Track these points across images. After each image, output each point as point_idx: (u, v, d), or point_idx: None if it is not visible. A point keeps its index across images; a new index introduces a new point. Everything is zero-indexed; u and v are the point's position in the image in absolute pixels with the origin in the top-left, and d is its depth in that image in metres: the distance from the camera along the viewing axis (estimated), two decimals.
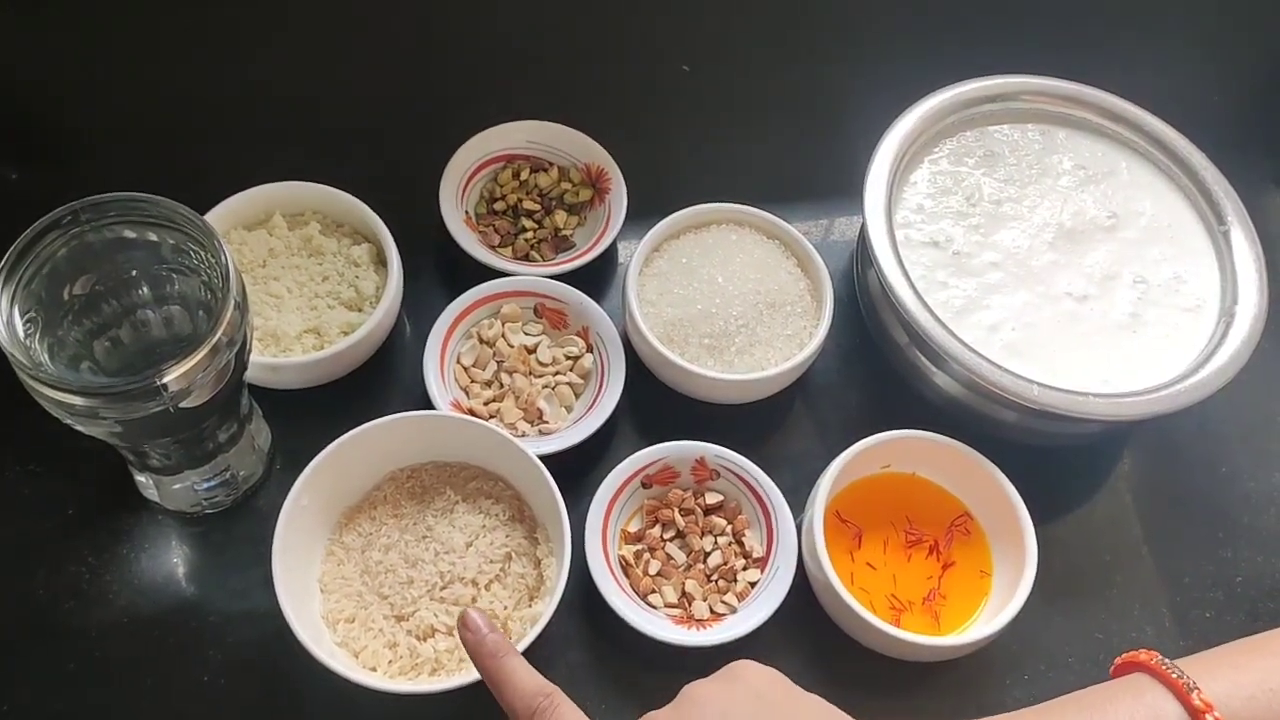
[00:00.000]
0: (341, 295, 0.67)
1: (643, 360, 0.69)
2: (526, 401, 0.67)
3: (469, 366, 0.68)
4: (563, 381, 0.68)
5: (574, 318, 0.70)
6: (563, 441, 0.64)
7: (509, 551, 0.61)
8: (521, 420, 0.66)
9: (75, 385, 0.47)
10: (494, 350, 0.68)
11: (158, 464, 0.59)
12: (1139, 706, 0.46)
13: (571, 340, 0.69)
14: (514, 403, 0.66)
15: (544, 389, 0.67)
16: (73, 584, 0.61)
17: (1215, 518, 0.70)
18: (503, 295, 0.70)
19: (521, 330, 0.70)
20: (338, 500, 0.62)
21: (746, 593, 0.63)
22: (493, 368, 0.68)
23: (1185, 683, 0.46)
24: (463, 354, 0.68)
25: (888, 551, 0.64)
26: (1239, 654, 0.48)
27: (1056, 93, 0.76)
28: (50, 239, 0.51)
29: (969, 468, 0.64)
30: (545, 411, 0.67)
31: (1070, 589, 0.66)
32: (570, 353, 0.69)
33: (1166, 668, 0.47)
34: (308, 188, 0.69)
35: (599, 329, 0.69)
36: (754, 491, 0.65)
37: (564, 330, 0.70)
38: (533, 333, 0.70)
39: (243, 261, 0.67)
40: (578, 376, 0.68)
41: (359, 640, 0.58)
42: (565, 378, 0.68)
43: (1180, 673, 0.46)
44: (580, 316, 0.70)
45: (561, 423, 0.67)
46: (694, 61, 0.86)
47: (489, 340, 0.68)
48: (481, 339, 0.69)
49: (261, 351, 0.65)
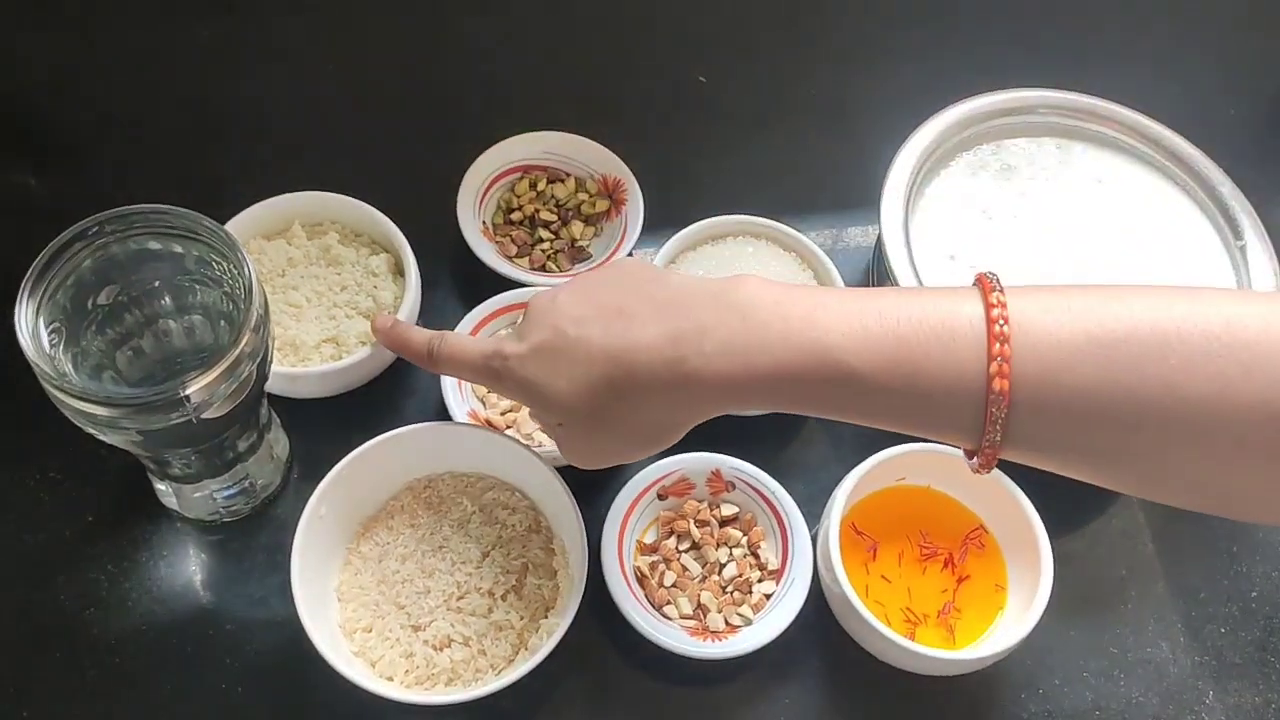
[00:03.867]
0: (360, 305, 0.68)
1: None
2: None
3: None
4: None
5: None
6: None
7: (525, 563, 0.61)
8: (538, 431, 0.66)
9: (100, 397, 0.48)
10: None
11: (178, 473, 0.59)
12: (946, 299, 0.45)
13: None
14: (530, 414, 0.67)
15: None
16: (92, 591, 0.61)
17: (1230, 532, 0.70)
18: (520, 306, 0.70)
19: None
20: (355, 510, 0.62)
21: (762, 605, 0.63)
22: None
23: (993, 283, 0.45)
24: None
25: (903, 564, 0.65)
26: (1074, 288, 0.45)
27: (1073, 106, 0.76)
28: (75, 250, 0.51)
29: (984, 481, 0.64)
30: None
31: (1084, 603, 0.66)
32: None
33: (990, 279, 0.45)
34: (327, 198, 0.70)
35: None
36: (769, 504, 0.65)
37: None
38: None
39: (262, 271, 0.68)
40: None
41: (375, 650, 0.58)
42: None
43: (996, 282, 0.45)
44: None
45: None
46: (709, 73, 0.87)
47: None
48: None
49: (280, 361, 0.65)
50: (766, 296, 0.48)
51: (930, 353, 0.44)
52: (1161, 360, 0.41)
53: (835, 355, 0.45)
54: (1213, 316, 0.41)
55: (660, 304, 0.49)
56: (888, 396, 0.45)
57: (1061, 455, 0.45)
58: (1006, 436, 0.44)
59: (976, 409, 0.44)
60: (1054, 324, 0.43)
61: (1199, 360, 0.41)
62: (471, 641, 0.58)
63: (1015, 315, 0.43)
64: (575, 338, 0.50)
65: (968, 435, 0.45)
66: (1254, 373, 0.40)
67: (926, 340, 0.44)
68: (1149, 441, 0.42)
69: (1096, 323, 0.42)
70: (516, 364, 0.52)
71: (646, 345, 0.48)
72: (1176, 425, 0.41)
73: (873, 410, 0.47)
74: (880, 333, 0.45)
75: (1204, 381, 0.41)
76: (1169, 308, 0.42)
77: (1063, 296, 0.44)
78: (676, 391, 0.48)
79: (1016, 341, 0.43)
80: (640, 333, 0.49)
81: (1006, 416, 0.43)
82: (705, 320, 0.48)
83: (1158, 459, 0.43)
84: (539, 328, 0.52)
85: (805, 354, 0.46)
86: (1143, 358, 0.41)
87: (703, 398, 0.48)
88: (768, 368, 0.46)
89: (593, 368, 0.49)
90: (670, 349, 0.48)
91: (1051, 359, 0.43)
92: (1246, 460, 0.41)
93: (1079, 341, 0.42)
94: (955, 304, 0.45)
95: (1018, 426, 0.44)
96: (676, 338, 0.48)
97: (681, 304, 0.49)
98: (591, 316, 0.50)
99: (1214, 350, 0.41)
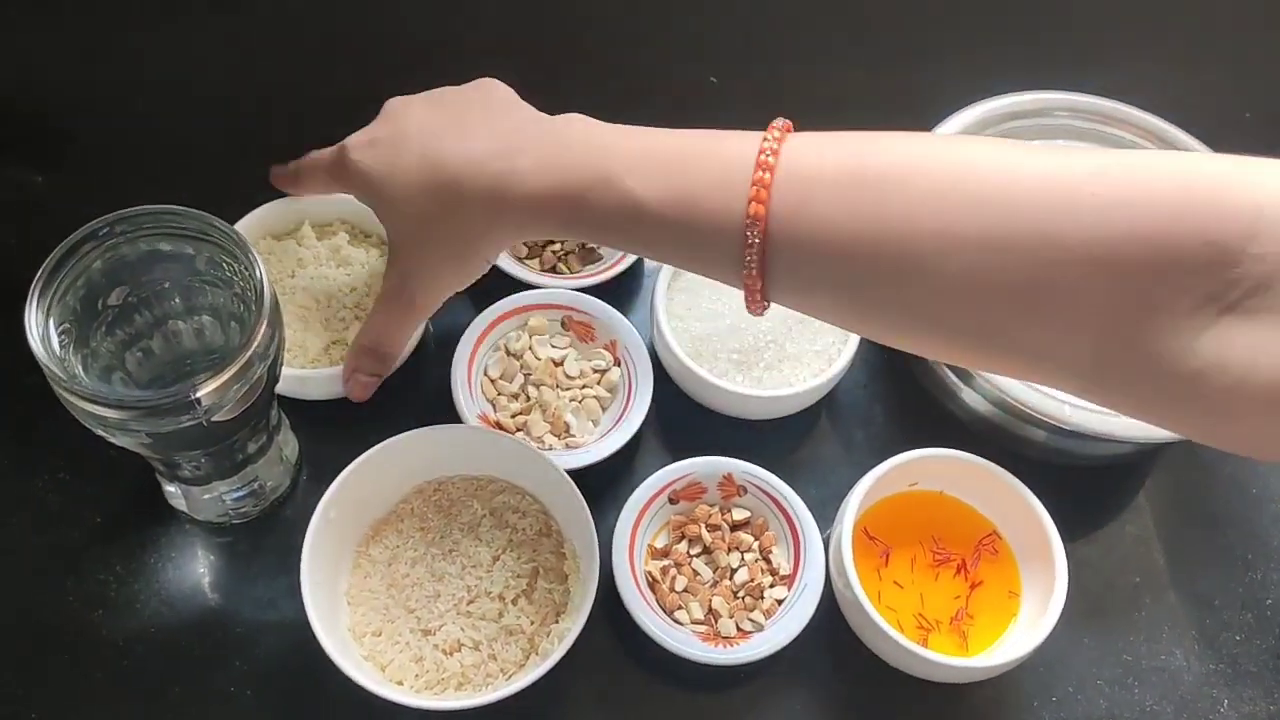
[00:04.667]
0: (369, 306, 0.67)
1: (670, 375, 0.69)
2: (554, 415, 0.66)
3: (496, 379, 0.68)
4: (590, 395, 0.68)
5: (601, 331, 0.70)
6: (590, 456, 0.64)
7: (536, 567, 0.61)
8: (549, 434, 0.66)
9: (111, 399, 0.47)
10: (521, 363, 0.68)
11: (187, 475, 0.59)
12: (733, 137, 0.47)
13: (599, 354, 0.69)
14: (541, 416, 0.66)
15: (571, 402, 0.67)
16: (100, 593, 0.61)
17: (1245, 539, 0.69)
18: (530, 308, 0.69)
19: (549, 343, 0.69)
20: (365, 513, 0.62)
21: (773, 610, 0.62)
22: (520, 380, 0.68)
23: (779, 124, 0.46)
24: (490, 366, 0.68)
25: (915, 570, 0.64)
26: (857, 133, 0.46)
27: (1090, 109, 0.76)
28: (86, 251, 0.51)
29: (998, 487, 0.64)
30: (572, 425, 0.67)
31: (1098, 610, 0.66)
32: (597, 366, 0.69)
33: (782, 122, 0.47)
34: (337, 198, 0.69)
35: (627, 342, 0.69)
36: (781, 508, 0.64)
37: (592, 343, 0.70)
38: (560, 345, 0.70)
39: (273, 272, 0.67)
40: (605, 390, 0.68)
41: (385, 654, 0.58)
42: (592, 391, 0.68)
43: (785, 126, 0.47)
44: (608, 330, 0.69)
45: (588, 436, 0.67)
46: (720, 74, 0.86)
47: (516, 353, 0.68)
48: (509, 352, 0.69)
49: (290, 363, 0.65)
50: (584, 127, 0.52)
51: (703, 181, 0.46)
52: (902, 195, 0.43)
53: (620, 179, 0.48)
54: (958, 157, 0.43)
55: (498, 126, 0.53)
56: (663, 225, 0.48)
57: (819, 293, 0.47)
58: (768, 271, 0.45)
59: (742, 241, 0.45)
60: (816, 157, 0.45)
61: (934, 196, 0.42)
62: (482, 646, 0.58)
63: (785, 150, 0.45)
64: (413, 136, 0.54)
65: (735, 271, 0.46)
66: (983, 207, 0.41)
67: (703, 171, 0.47)
68: (889, 275, 0.43)
69: (856, 159, 0.44)
70: (356, 152, 0.56)
71: (471, 158, 0.52)
72: (910, 259, 0.42)
73: (651, 239, 0.49)
74: (663, 161, 0.48)
75: (934, 215, 0.42)
76: (924, 148, 0.44)
77: (837, 138, 0.46)
78: (491, 203, 0.52)
79: (780, 172, 0.45)
80: (471, 145, 0.53)
81: (763, 244, 0.45)
82: (527, 144, 0.52)
83: (897, 295, 0.44)
84: (385, 122, 0.57)
85: (595, 175, 0.49)
86: (887, 193, 0.43)
87: (513, 212, 0.52)
88: (565, 187, 0.50)
89: (423, 171, 0.53)
90: (492, 163, 0.51)
91: (806, 191, 0.44)
92: (976, 293, 0.42)
93: (836, 175, 0.44)
94: (739, 141, 0.47)
95: (776, 257, 0.45)
96: (499, 154, 0.51)
97: (516, 129, 0.53)
98: (435, 125, 0.54)
99: (948, 187, 0.42)
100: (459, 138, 0.53)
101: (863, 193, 0.43)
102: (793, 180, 0.44)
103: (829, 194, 0.44)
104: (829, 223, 0.44)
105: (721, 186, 0.45)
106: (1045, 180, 0.41)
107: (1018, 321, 0.42)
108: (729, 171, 0.45)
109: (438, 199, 0.53)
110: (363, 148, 0.56)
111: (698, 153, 0.47)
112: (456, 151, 0.53)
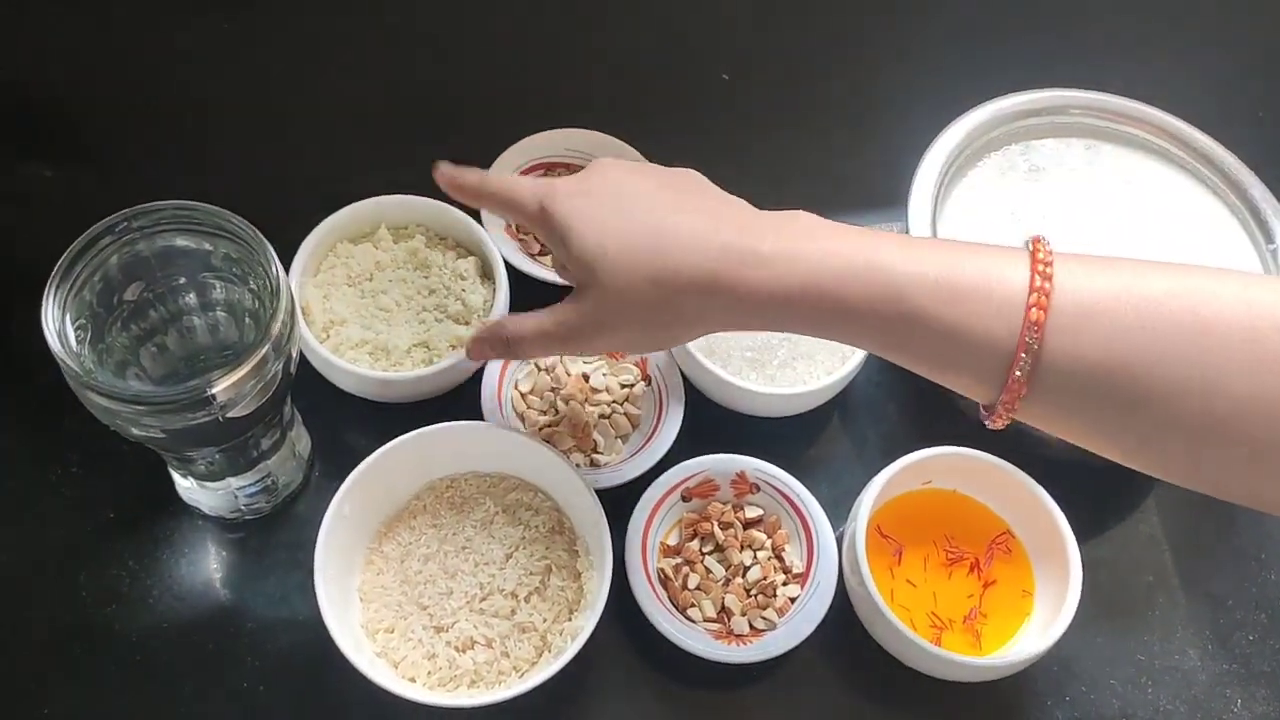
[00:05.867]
0: (449, 309, 0.67)
1: (684, 372, 0.69)
2: (582, 431, 0.66)
3: (526, 394, 0.67)
4: (618, 411, 0.67)
5: None
6: (615, 478, 0.64)
7: (549, 564, 0.61)
8: (575, 450, 0.66)
9: (127, 395, 0.47)
10: (552, 377, 0.68)
11: (200, 470, 0.59)
12: (998, 250, 0.46)
13: (627, 368, 0.69)
14: (569, 432, 0.66)
15: (599, 418, 0.67)
16: (113, 588, 0.61)
17: (1259, 539, 0.69)
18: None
19: (580, 359, 0.69)
20: (377, 509, 0.62)
21: (786, 608, 0.62)
22: (549, 396, 0.67)
23: (1042, 254, 0.45)
24: (520, 380, 0.68)
25: (928, 569, 0.64)
26: (1124, 260, 0.46)
27: (1103, 107, 0.75)
28: (103, 245, 0.51)
29: (1011, 485, 0.64)
30: (599, 443, 0.66)
31: (1111, 610, 0.66)
32: (625, 381, 0.68)
33: (1044, 243, 0.46)
34: (413, 201, 0.69)
35: (657, 360, 0.68)
36: (794, 506, 0.64)
37: (622, 358, 0.69)
38: (591, 360, 0.69)
39: (349, 274, 0.67)
40: (634, 407, 0.68)
41: (398, 651, 0.58)
42: (621, 408, 0.67)
43: (1047, 250, 0.45)
44: None
45: (615, 455, 0.66)
46: (734, 70, 0.86)
47: (547, 367, 0.68)
48: (539, 366, 0.68)
49: (373, 365, 0.65)
50: (825, 223, 0.48)
51: (976, 289, 0.45)
52: (1194, 339, 0.42)
53: (896, 282, 0.45)
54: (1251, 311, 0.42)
55: (719, 207, 0.50)
56: (929, 329, 0.45)
57: (1084, 414, 0.46)
58: (1034, 378, 0.44)
59: (1009, 352, 0.44)
60: (1093, 273, 0.44)
61: (1237, 351, 0.42)
62: (495, 643, 0.58)
63: (1058, 264, 0.45)
64: (630, 195, 0.50)
65: (991, 381, 0.45)
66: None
67: (975, 280, 0.45)
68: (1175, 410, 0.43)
69: (1134, 280, 0.44)
70: (564, 197, 0.51)
71: (695, 233, 0.48)
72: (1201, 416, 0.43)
73: (910, 341, 0.47)
74: (935, 265, 0.45)
75: (1246, 377, 0.42)
76: (1206, 290, 0.43)
77: (1103, 260, 0.46)
78: (716, 293, 0.47)
79: (1058, 281, 0.44)
80: (693, 221, 0.48)
81: (1039, 351, 0.44)
82: (764, 228, 0.48)
83: (1166, 439, 0.45)
84: (598, 174, 0.52)
85: (862, 276, 0.46)
86: (1177, 327, 0.42)
87: (742, 305, 0.48)
88: (820, 283, 0.46)
89: (635, 237, 0.48)
90: (728, 241, 0.47)
91: (1088, 302, 0.44)
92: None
93: (1115, 290, 0.44)
94: (1005, 253, 0.46)
95: (1047, 367, 0.44)
96: (733, 232, 0.48)
97: (742, 210, 0.50)
98: (650, 189, 0.50)
99: (1245, 340, 0.42)
100: (676, 208, 0.49)
101: (1147, 320, 0.43)
102: (1073, 292, 0.44)
103: (1113, 310, 0.43)
104: (1113, 342, 0.43)
105: (996, 298, 0.45)
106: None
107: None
108: (1005, 286, 0.45)
109: (651, 279, 0.48)
110: (571, 196, 0.51)
111: (969, 269, 0.46)
112: (674, 223, 0.49)
